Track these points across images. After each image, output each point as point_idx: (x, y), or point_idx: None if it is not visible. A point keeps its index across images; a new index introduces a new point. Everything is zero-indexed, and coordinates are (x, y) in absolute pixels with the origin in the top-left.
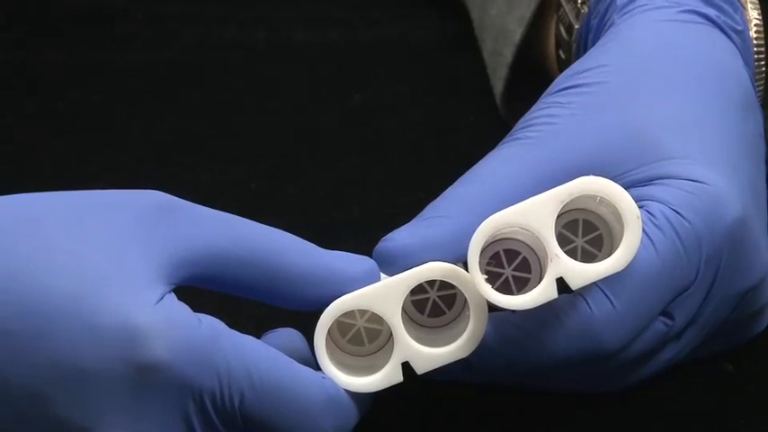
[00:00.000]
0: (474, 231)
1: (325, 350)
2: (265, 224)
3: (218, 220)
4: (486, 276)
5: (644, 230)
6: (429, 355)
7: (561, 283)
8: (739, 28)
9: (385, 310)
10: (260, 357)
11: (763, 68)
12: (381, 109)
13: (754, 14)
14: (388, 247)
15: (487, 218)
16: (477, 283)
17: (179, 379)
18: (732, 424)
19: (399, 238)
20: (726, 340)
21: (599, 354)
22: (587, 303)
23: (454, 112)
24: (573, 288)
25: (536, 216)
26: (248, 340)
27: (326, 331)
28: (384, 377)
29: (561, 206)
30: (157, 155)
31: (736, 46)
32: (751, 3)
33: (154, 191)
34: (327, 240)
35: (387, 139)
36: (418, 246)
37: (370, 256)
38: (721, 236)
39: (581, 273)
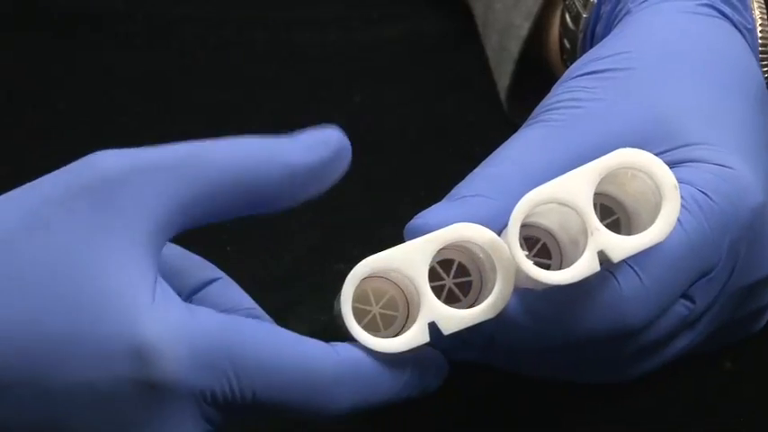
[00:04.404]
0: (508, 212)
1: (351, 311)
2: (266, 223)
3: (176, 162)
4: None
5: None
6: (456, 316)
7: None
8: (749, 27)
9: (412, 270)
10: (263, 344)
11: (766, 68)
12: (381, 109)
13: (757, 14)
14: (423, 223)
15: (526, 194)
16: (518, 259)
17: (190, 387)
18: (731, 420)
19: (432, 216)
20: (725, 337)
21: (625, 330)
22: (615, 279)
23: (454, 112)
24: (614, 261)
25: (575, 190)
26: (246, 326)
27: (353, 290)
28: (411, 338)
29: (599, 180)
30: None
31: (747, 43)
32: (756, 1)
33: (103, 156)
34: (328, 240)
35: (387, 139)
36: (451, 224)
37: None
38: (745, 220)
39: (622, 245)
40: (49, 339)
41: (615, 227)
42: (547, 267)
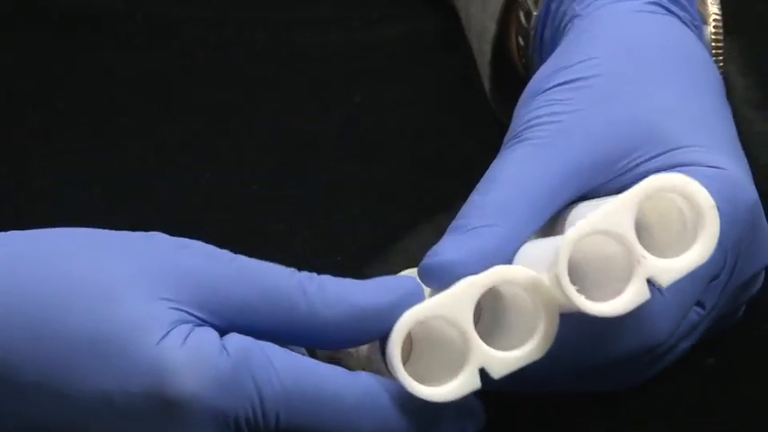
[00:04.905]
0: (517, 237)
1: (401, 363)
2: (267, 224)
3: (240, 267)
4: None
5: None
6: (504, 360)
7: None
8: (697, 23)
9: (458, 316)
10: (288, 369)
11: (720, 64)
12: (381, 109)
13: (713, 9)
14: (438, 262)
15: (571, 229)
16: (571, 296)
17: (212, 410)
18: (731, 420)
19: (445, 252)
20: (712, 330)
21: (650, 345)
22: None
23: (454, 113)
24: (664, 286)
25: (616, 223)
26: (273, 353)
27: (401, 343)
28: (463, 384)
29: (638, 208)
30: (157, 155)
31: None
32: None
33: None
34: (327, 241)
35: (387, 139)
36: (467, 259)
37: (372, 257)
38: (745, 219)
39: (669, 271)
40: (69, 346)
41: None
42: None
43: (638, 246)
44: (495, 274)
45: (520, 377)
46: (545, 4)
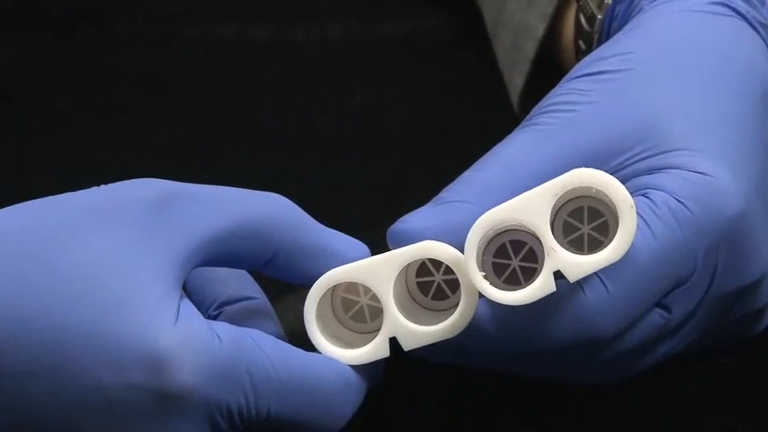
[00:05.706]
0: None
1: (315, 320)
2: None
3: (220, 200)
4: (492, 268)
5: (643, 218)
6: (416, 332)
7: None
8: (766, 22)
9: (377, 284)
10: (278, 360)
11: None
12: (381, 109)
13: None
14: (404, 228)
15: (482, 216)
16: (474, 280)
17: (205, 400)
18: (728, 415)
19: (415, 220)
20: (722, 338)
21: (592, 338)
22: (581, 287)
23: (454, 112)
24: (570, 281)
25: (531, 211)
26: (264, 342)
27: (317, 302)
28: (371, 351)
29: (555, 200)
30: (157, 155)
31: (763, 40)
32: None
33: (149, 180)
34: None
35: (387, 139)
36: (433, 229)
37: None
38: (722, 229)
39: (578, 265)
40: (64, 336)
41: (603, 229)
42: (533, 271)
43: (549, 237)
44: (419, 249)
45: (461, 350)
46: (610, 7)
